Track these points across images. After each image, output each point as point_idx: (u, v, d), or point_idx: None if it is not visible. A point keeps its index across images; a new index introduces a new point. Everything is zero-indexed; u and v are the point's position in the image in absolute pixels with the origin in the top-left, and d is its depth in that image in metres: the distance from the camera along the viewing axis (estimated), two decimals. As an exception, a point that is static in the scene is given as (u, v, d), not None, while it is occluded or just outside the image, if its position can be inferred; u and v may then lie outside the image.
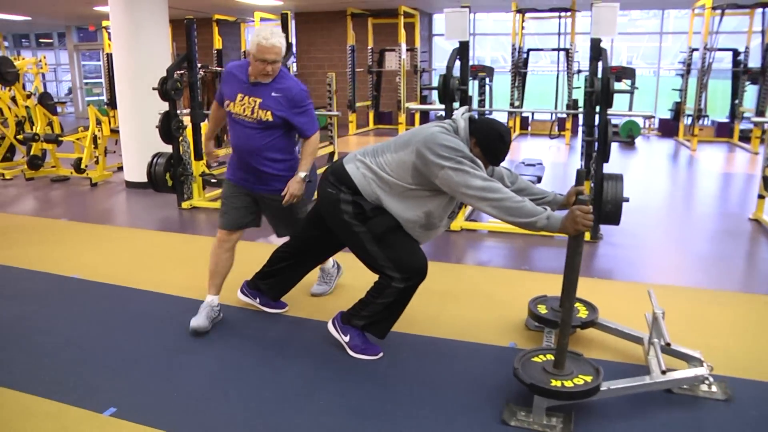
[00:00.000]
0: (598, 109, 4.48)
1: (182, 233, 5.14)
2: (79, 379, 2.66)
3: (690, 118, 10.19)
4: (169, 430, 2.30)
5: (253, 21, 11.59)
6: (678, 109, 10.76)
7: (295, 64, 5.42)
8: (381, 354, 2.83)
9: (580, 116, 11.68)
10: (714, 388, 2.53)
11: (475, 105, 5.74)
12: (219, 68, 8.84)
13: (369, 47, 12.68)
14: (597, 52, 4.48)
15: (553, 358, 2.44)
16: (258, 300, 3.36)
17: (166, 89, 5.58)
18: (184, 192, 5.91)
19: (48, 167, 7.78)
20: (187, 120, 5.95)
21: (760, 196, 5.35)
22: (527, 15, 11.01)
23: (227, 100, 3.01)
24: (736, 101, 10.36)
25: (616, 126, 10.91)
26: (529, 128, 12.24)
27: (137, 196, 6.58)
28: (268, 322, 3.25)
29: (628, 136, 10.45)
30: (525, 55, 11.53)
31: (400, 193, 2.59)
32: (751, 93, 10.75)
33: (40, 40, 19.67)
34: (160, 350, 2.95)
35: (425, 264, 2.69)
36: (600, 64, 4.43)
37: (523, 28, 11.05)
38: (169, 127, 5.73)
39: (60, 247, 4.66)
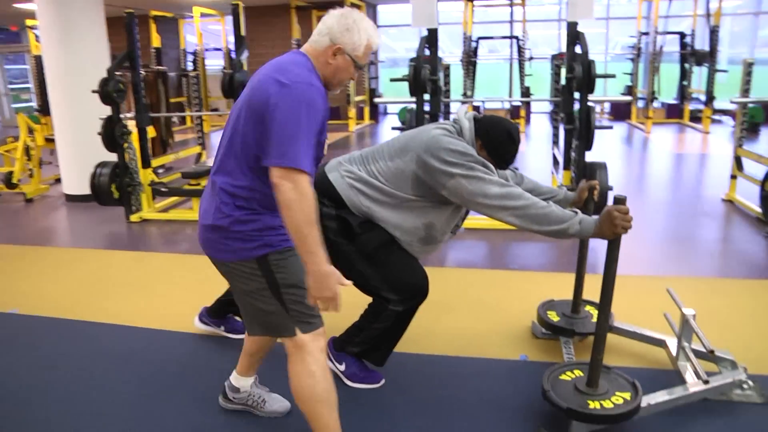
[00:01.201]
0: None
1: (134, 250, 4.66)
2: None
3: (643, 101, 10.26)
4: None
5: (192, 17, 11.01)
6: (630, 93, 10.81)
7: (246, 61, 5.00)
8: (383, 381, 2.51)
9: (532, 104, 11.71)
10: (749, 391, 2.34)
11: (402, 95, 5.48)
12: (160, 68, 8.26)
13: (315, 41, 12.25)
14: (574, 36, 4.28)
15: (582, 374, 2.19)
16: (223, 327, 2.96)
17: (107, 91, 5.07)
18: (132, 204, 5.41)
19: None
20: (132, 125, 5.45)
21: (733, 176, 5.30)
22: (476, 3, 10.83)
23: (321, 141, 1.85)
24: (685, 83, 10.49)
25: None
26: (483, 117, 12.09)
27: (79, 211, 6.00)
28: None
29: (583, 121, 10.43)
30: (475, 44, 11.35)
31: (397, 205, 2.27)
32: (696, 75, 10.92)
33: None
34: (124, 398, 2.51)
35: (425, 282, 2.38)
36: (579, 48, 4.23)
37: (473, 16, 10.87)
38: (112, 134, 5.22)
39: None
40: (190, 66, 12.29)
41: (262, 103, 1.67)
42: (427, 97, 4.52)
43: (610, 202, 4.19)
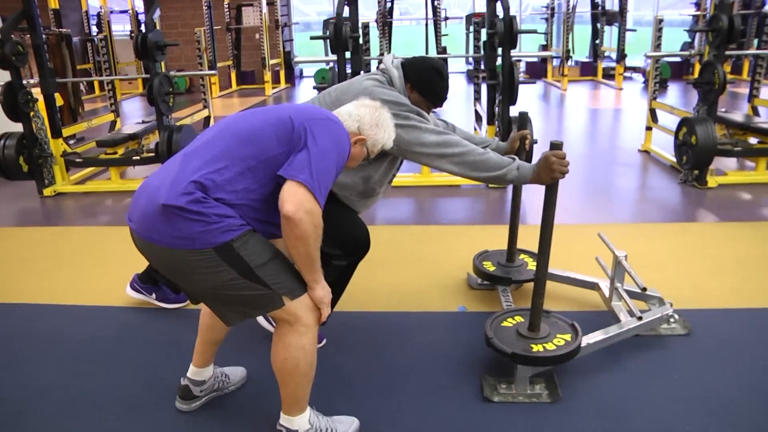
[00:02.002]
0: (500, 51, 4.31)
1: (50, 226, 4.37)
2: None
3: (558, 60, 10.54)
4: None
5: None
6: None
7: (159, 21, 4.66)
8: (324, 341, 2.47)
9: (450, 64, 11.74)
10: (674, 324, 2.49)
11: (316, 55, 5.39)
12: (62, 30, 7.68)
13: (225, 3, 11.78)
14: (495, -9, 4.28)
15: (523, 320, 2.25)
16: (154, 295, 2.84)
17: (4, 54, 4.66)
18: (44, 177, 5.06)
19: None
20: (37, 92, 5.05)
21: (648, 128, 5.54)
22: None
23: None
24: (597, 41, 10.84)
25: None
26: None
27: (-17, 188, 5.57)
28: (178, 323, 2.73)
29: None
30: (390, 5, 11.25)
31: None
32: (607, 34, 11.31)
33: None
34: (55, 380, 2.34)
35: (367, 235, 2.35)
36: (500, 4, 4.24)
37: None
38: (15, 101, 4.83)
39: None
40: (94, 30, 11.54)
41: (305, 117, 1.68)
42: (348, 55, 4.43)
43: (536, 155, 4.32)
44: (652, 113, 5.45)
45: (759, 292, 2.82)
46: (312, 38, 4.57)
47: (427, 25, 10.63)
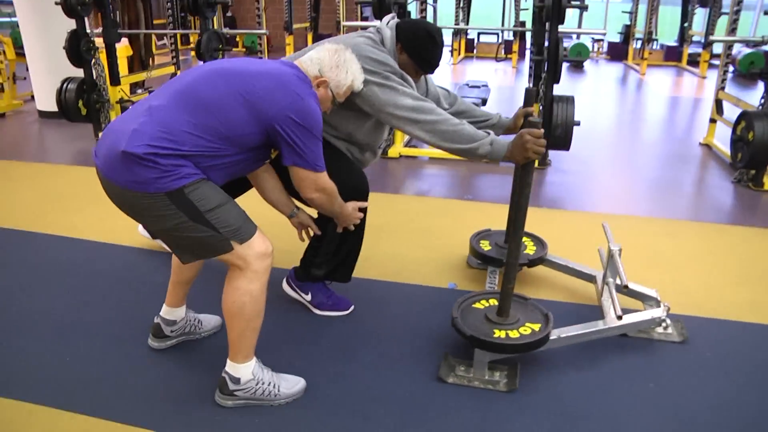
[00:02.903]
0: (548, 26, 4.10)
1: (96, 168, 4.60)
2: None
3: (639, 42, 9.94)
4: (66, 408, 1.94)
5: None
6: (627, 33, 10.48)
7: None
8: (353, 307, 2.47)
9: (528, 39, 11.35)
10: (670, 330, 2.33)
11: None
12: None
13: (307, -36, 11.80)
14: (549, -39, 4.06)
15: (497, 303, 2.17)
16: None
17: (70, 4, 4.88)
18: (101, 121, 5.31)
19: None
20: (100, 41, 5.28)
21: (712, 120, 5.17)
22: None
23: None
24: (686, 25, 10.14)
25: (565, 49, 10.59)
26: (475, 51, 11.81)
27: (51, 128, 5.92)
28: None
29: (577, 59, 10.15)
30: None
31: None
32: (699, 17, 10.55)
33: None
34: (53, 306, 2.54)
35: (363, 184, 2.26)
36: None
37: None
38: (78, 49, 5.06)
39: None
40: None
41: (276, 111, 1.72)
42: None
43: (575, 137, 4.13)
44: (718, 104, 5.06)
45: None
46: (357, 3, 4.49)
47: (505, -4, 10.31)
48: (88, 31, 5.10)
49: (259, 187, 2.09)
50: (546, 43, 4.20)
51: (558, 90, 4.25)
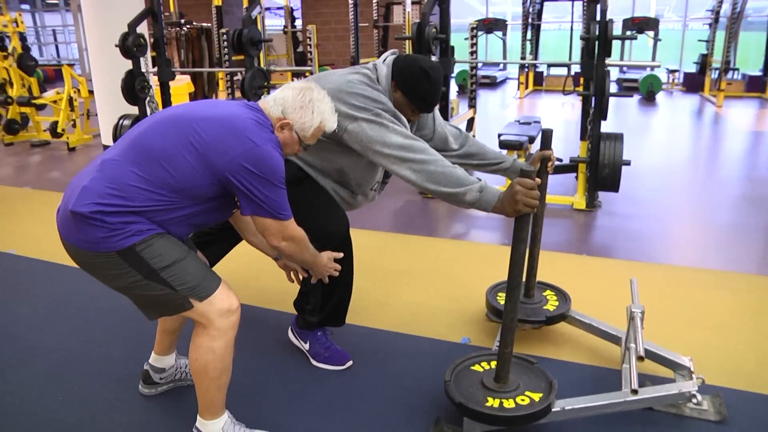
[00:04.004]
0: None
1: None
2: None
3: (716, 72, 9.37)
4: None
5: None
6: (704, 62, 9.91)
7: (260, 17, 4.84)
8: (350, 362, 2.33)
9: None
10: (705, 405, 2.03)
11: (464, 57, 5.15)
12: (204, 24, 8.27)
13: (374, 1, 11.97)
14: (595, -8, 3.86)
15: (498, 366, 1.97)
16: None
17: (127, 46, 5.10)
18: (153, 157, 5.46)
19: (31, 131, 7.46)
20: (155, 80, 5.47)
21: (789, 158, 4.71)
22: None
23: None
24: (770, 52, 9.50)
25: (635, 81, 10.16)
26: (544, 84, 11.52)
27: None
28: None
29: (649, 92, 9.68)
30: (538, 6, 10.76)
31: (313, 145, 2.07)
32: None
33: (47, 1, 19.26)
34: (65, 341, 2.56)
35: (340, 226, 2.15)
36: (599, 6, 3.81)
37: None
38: (132, 87, 5.26)
39: (7, 219, 4.32)
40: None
41: (228, 161, 1.61)
42: (434, 58, 4.25)
43: (623, 177, 3.86)
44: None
45: None
46: (397, 38, 4.43)
47: (572, 29, 10.04)
48: (144, 70, 5.30)
49: (240, 230, 2.01)
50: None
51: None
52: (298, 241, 1.78)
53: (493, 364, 1.99)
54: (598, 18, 3.75)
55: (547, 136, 2.24)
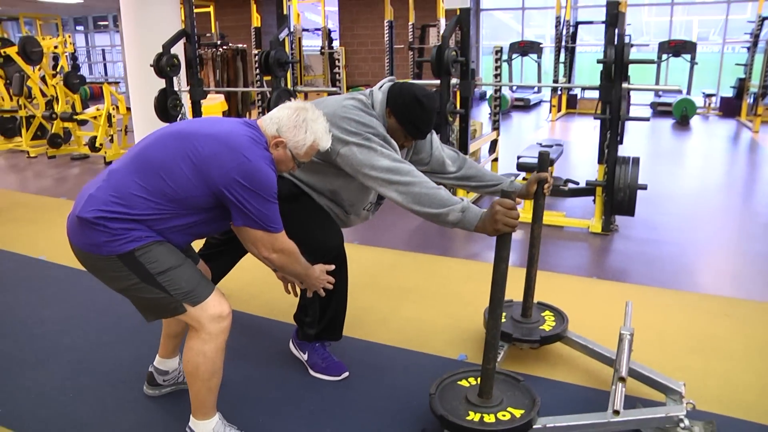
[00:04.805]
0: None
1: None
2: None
3: (753, 96, 9.19)
4: None
5: (289, -3, 11.26)
6: (742, 87, 9.72)
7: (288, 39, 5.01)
8: (346, 374, 2.40)
9: (633, 94, 10.87)
10: (696, 431, 2.02)
11: (488, 79, 5.22)
12: (239, 45, 8.54)
13: (410, 23, 12.15)
14: (614, 17, 3.89)
15: (485, 382, 2.00)
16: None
17: (161, 66, 5.33)
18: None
19: (73, 145, 7.83)
20: (187, 98, 5.69)
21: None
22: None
23: None
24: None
25: (669, 105, 10.04)
26: (577, 107, 11.48)
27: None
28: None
29: (682, 116, 9.56)
30: (573, 29, 10.76)
31: (304, 166, 2.11)
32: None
33: (98, 23, 20.11)
34: (82, 343, 2.72)
35: (334, 240, 2.24)
36: (617, 30, 3.84)
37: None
38: (165, 105, 5.48)
39: (41, 227, 4.55)
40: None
41: (221, 175, 1.71)
42: (454, 81, 4.33)
43: (639, 201, 3.85)
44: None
45: None
46: (418, 60, 4.52)
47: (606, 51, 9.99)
48: (177, 89, 5.52)
49: (243, 241, 2.10)
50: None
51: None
52: (288, 254, 1.87)
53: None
54: (616, 41, 3.79)
55: (544, 158, 2.28)
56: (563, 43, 10.56)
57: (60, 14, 14.67)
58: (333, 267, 2.06)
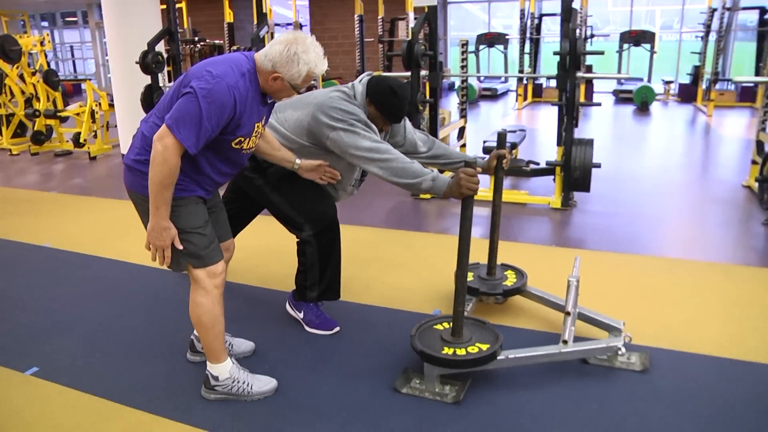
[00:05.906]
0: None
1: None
2: (10, 341, 2.77)
3: (707, 82, 9.75)
4: (87, 391, 2.37)
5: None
6: (697, 74, 10.31)
7: (268, 36, 5.29)
8: (337, 328, 2.77)
9: (596, 82, 11.38)
10: (633, 359, 2.44)
11: (456, 70, 5.60)
12: (215, 41, 8.77)
13: (380, 17, 12.47)
14: (567, 13, 4.29)
15: (455, 326, 2.39)
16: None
17: (146, 63, 5.60)
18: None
19: (55, 142, 7.99)
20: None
21: (754, 162, 5.10)
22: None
23: (241, 138, 2.07)
24: (761, 63, 9.84)
25: (630, 92, 10.56)
26: (543, 95, 11.96)
27: (130, 170, 6.66)
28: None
29: (642, 102, 10.09)
30: (538, 21, 11.21)
31: (298, 149, 2.53)
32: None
33: (66, 19, 20.01)
34: (97, 315, 3.03)
35: (331, 213, 2.63)
36: (570, 25, 4.25)
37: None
38: (151, 100, 5.75)
39: (40, 218, 4.79)
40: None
41: (186, 84, 1.92)
42: (424, 73, 4.69)
43: (598, 180, 4.25)
44: (759, 146, 5.00)
45: (762, 345, 2.61)
46: (389, 54, 4.86)
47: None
48: (161, 84, 5.79)
49: (263, 153, 2.41)
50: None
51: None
52: (166, 157, 1.87)
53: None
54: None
55: (501, 137, 2.67)
56: (528, 35, 11.00)
57: (27, 10, 14.62)
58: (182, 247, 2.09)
